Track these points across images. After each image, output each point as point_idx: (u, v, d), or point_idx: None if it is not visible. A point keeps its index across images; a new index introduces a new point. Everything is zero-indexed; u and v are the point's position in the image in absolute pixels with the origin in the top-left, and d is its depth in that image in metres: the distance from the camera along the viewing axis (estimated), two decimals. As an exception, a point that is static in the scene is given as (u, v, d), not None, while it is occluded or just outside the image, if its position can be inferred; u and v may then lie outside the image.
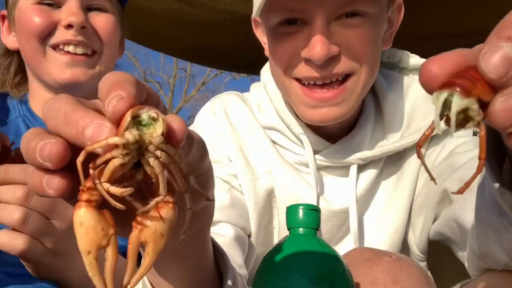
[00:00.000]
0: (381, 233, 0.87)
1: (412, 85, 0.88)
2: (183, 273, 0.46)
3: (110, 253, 0.31)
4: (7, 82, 0.96)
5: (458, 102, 0.27)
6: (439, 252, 0.89)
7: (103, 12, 0.92)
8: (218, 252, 0.50)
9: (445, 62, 0.29)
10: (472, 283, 0.57)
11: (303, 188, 0.85)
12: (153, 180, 0.32)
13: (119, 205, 0.30)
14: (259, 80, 0.95)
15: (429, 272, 0.87)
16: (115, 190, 0.30)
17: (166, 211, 0.33)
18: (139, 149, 0.31)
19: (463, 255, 0.76)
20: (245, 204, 0.85)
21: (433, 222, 0.84)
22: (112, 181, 0.31)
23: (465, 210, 0.68)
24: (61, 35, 0.86)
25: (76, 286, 0.65)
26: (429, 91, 0.30)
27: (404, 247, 0.90)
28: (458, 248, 0.76)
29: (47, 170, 0.31)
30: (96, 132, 0.30)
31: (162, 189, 0.32)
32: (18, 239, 0.56)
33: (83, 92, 0.89)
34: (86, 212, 0.30)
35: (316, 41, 0.72)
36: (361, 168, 0.86)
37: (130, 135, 0.30)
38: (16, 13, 0.89)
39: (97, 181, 0.30)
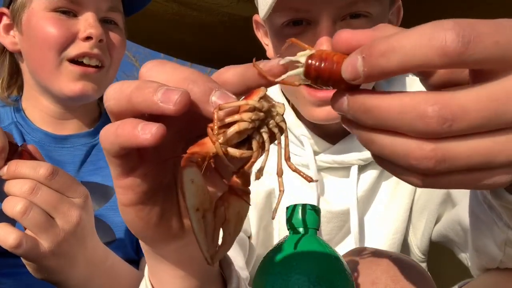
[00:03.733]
0: (381, 234, 0.87)
1: (412, 85, 0.88)
2: (190, 284, 0.45)
3: (210, 217, 0.32)
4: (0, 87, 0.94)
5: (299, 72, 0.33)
6: (439, 252, 0.89)
7: (116, 27, 0.91)
8: (223, 259, 0.50)
9: (354, 41, 0.32)
10: (471, 283, 0.57)
11: (304, 189, 0.85)
12: (252, 160, 0.33)
13: (232, 166, 0.31)
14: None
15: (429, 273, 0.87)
16: (234, 151, 0.31)
17: (246, 199, 0.34)
18: (261, 121, 0.32)
19: (466, 257, 0.76)
20: (245, 206, 0.85)
21: (435, 223, 0.84)
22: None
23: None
24: (79, 47, 0.85)
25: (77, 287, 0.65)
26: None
27: (405, 248, 0.90)
28: (461, 250, 0.76)
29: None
30: (224, 99, 0.31)
31: (263, 168, 0.33)
32: (11, 233, 0.56)
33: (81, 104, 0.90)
34: (198, 172, 0.31)
35: (323, 42, 0.73)
36: (362, 169, 0.86)
37: (265, 103, 0.32)
38: (26, 17, 0.87)
39: (216, 139, 0.31)
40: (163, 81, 0.33)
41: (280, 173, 0.34)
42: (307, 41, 0.76)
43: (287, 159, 0.34)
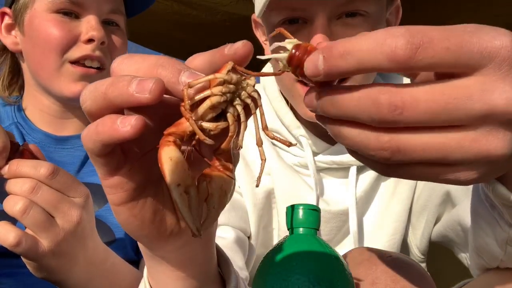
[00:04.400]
0: (381, 234, 0.87)
1: None
2: (189, 285, 0.45)
3: (194, 193, 0.32)
4: (0, 85, 0.94)
5: (283, 56, 0.34)
6: (439, 252, 0.89)
7: (118, 29, 0.91)
8: (221, 257, 0.50)
9: None
10: (471, 283, 0.57)
11: (303, 190, 0.85)
12: (230, 134, 0.33)
13: (209, 140, 0.31)
14: (258, 81, 0.95)
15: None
16: (208, 124, 0.32)
17: (229, 174, 0.35)
18: (233, 93, 0.33)
19: (466, 257, 0.76)
20: (245, 206, 0.85)
21: (435, 223, 0.84)
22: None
23: (469, 213, 0.68)
24: (81, 50, 0.85)
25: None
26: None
27: (404, 248, 0.90)
28: (460, 250, 0.76)
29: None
30: (193, 77, 0.32)
31: (241, 138, 0.34)
32: (11, 232, 0.57)
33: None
34: (175, 150, 0.31)
35: (318, 39, 0.73)
36: (361, 169, 0.86)
37: (234, 75, 0.32)
38: (28, 17, 0.87)
39: (189, 115, 0.31)
40: (134, 70, 0.33)
41: (259, 143, 0.35)
42: (303, 39, 0.76)
43: (264, 128, 0.35)
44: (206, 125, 0.32)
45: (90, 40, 0.84)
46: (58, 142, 0.91)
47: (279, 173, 0.85)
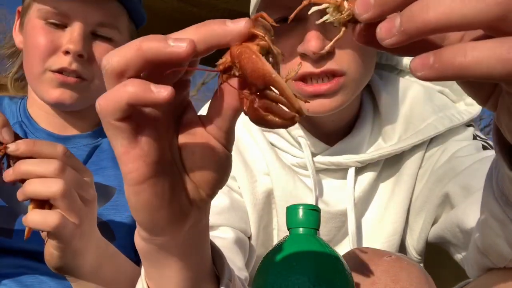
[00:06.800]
0: (379, 235, 0.87)
1: (410, 87, 0.87)
2: (185, 276, 0.45)
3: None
4: (9, 81, 0.96)
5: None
6: (436, 253, 0.89)
7: (110, 42, 0.90)
8: (215, 253, 0.50)
9: None
10: (473, 283, 0.57)
11: (302, 190, 0.85)
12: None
13: (277, 49, 0.36)
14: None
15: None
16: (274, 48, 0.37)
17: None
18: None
19: (463, 258, 0.76)
20: (245, 206, 0.85)
21: (432, 224, 0.83)
22: None
23: (469, 215, 0.68)
24: (60, 62, 0.85)
25: (88, 276, 0.64)
26: None
27: (402, 249, 0.90)
28: (457, 251, 0.76)
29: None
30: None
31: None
32: (50, 215, 0.55)
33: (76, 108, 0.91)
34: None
35: (311, 36, 0.73)
36: (359, 170, 0.86)
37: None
38: (26, 20, 0.89)
39: (262, 32, 0.36)
40: (183, 32, 0.35)
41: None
42: (297, 37, 0.76)
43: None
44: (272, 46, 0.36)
45: (67, 52, 0.85)
46: (60, 141, 0.91)
47: (278, 173, 0.85)
